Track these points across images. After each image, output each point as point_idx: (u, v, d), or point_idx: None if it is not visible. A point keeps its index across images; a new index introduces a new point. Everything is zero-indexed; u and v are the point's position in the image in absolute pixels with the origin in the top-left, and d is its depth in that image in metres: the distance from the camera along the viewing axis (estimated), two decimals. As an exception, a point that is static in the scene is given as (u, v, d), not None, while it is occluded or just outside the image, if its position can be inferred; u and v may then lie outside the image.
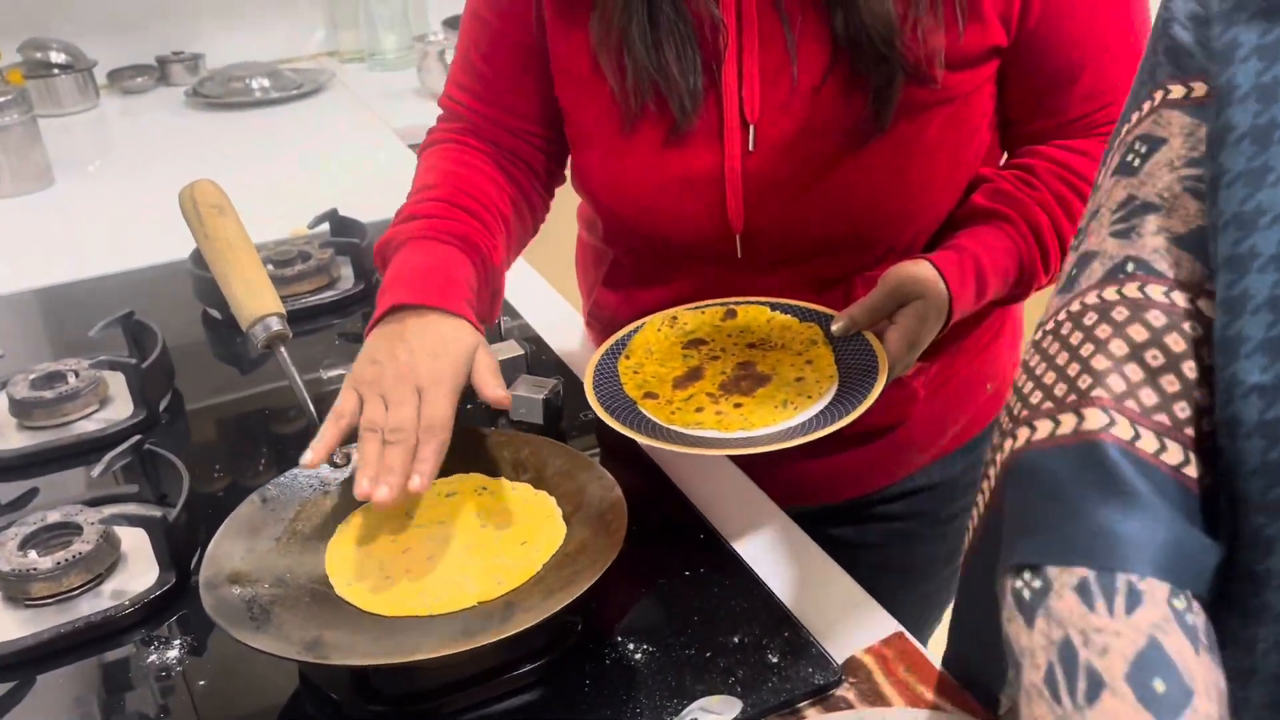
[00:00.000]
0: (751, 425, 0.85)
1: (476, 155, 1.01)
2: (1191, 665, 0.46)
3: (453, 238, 0.91)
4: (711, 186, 0.92)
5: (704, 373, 0.92)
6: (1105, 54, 0.90)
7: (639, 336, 0.96)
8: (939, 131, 0.90)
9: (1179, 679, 0.46)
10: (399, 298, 0.86)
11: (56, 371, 1.09)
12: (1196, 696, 0.46)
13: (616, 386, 0.90)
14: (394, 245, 0.92)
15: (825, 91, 0.87)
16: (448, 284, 0.87)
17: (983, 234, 0.92)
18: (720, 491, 0.96)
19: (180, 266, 1.34)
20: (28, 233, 1.64)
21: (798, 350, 0.93)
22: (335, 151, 1.97)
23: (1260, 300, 0.44)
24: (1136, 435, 0.49)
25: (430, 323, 0.84)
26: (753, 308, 0.97)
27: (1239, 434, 0.45)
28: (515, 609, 0.74)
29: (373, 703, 0.74)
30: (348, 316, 1.30)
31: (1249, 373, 0.44)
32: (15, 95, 1.74)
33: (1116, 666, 0.46)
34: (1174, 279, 0.51)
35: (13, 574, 0.83)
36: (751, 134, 0.90)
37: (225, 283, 0.90)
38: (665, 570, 0.85)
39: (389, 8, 2.40)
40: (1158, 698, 0.45)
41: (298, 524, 0.84)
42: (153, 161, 1.92)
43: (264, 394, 1.15)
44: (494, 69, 1.00)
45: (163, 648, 0.81)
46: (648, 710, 0.73)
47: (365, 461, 0.77)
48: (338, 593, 0.78)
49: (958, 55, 0.87)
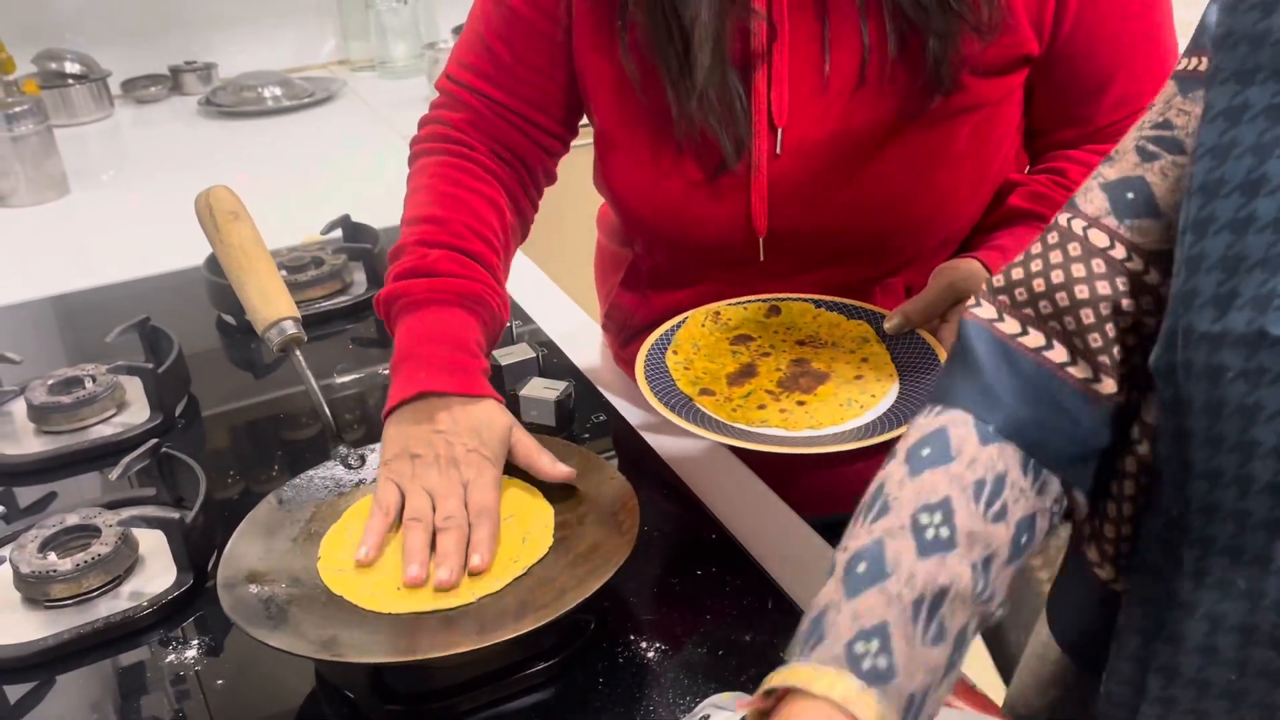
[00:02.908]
0: (819, 424, 0.84)
1: (474, 172, 0.97)
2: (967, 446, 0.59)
3: (463, 299, 0.89)
4: (737, 190, 0.92)
5: (758, 369, 0.91)
6: (1135, 63, 0.90)
7: (683, 331, 0.94)
8: (967, 139, 0.90)
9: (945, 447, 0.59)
10: (422, 385, 0.84)
11: (74, 377, 1.10)
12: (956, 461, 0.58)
13: (669, 382, 0.89)
14: (403, 303, 0.89)
15: (855, 96, 0.88)
16: (469, 362, 0.86)
17: (1023, 235, 0.93)
18: (731, 492, 0.96)
19: (195, 273, 1.35)
20: (44, 241, 1.66)
21: (850, 348, 0.92)
22: (347, 159, 1.98)
23: (1213, 260, 0.52)
24: (979, 304, 0.63)
25: (461, 411, 0.84)
26: (796, 304, 0.96)
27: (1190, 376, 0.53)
28: (529, 607, 0.75)
29: (389, 702, 0.75)
30: (361, 321, 1.31)
31: (1200, 324, 0.52)
32: (31, 105, 1.76)
33: (905, 443, 0.61)
34: (1086, 214, 0.62)
35: (32, 575, 0.84)
36: (779, 138, 0.90)
37: (241, 288, 0.91)
38: (677, 570, 0.86)
39: (399, 17, 2.42)
40: (922, 459, 0.59)
41: (313, 525, 0.84)
42: (167, 170, 1.94)
43: (278, 399, 1.16)
44: (514, 55, 0.96)
45: (180, 648, 0.82)
46: (660, 708, 0.74)
47: (410, 551, 0.78)
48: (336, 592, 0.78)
49: (988, 62, 0.86)
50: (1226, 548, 0.54)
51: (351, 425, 1.10)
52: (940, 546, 0.56)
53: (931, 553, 0.56)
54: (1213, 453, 0.53)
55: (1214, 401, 0.52)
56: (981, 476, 0.58)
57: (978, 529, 0.57)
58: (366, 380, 1.18)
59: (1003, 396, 0.60)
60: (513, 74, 0.98)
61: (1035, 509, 0.60)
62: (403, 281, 0.90)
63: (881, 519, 0.57)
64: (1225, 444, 0.53)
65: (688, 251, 0.99)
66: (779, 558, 0.87)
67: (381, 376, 1.18)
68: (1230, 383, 0.51)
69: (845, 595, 0.55)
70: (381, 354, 1.24)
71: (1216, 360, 0.52)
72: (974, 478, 0.58)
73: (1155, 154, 0.61)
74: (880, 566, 0.55)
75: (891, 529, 0.56)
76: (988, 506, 0.57)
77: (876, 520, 0.57)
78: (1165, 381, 0.55)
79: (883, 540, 0.56)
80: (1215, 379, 0.52)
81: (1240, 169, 0.52)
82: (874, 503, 0.59)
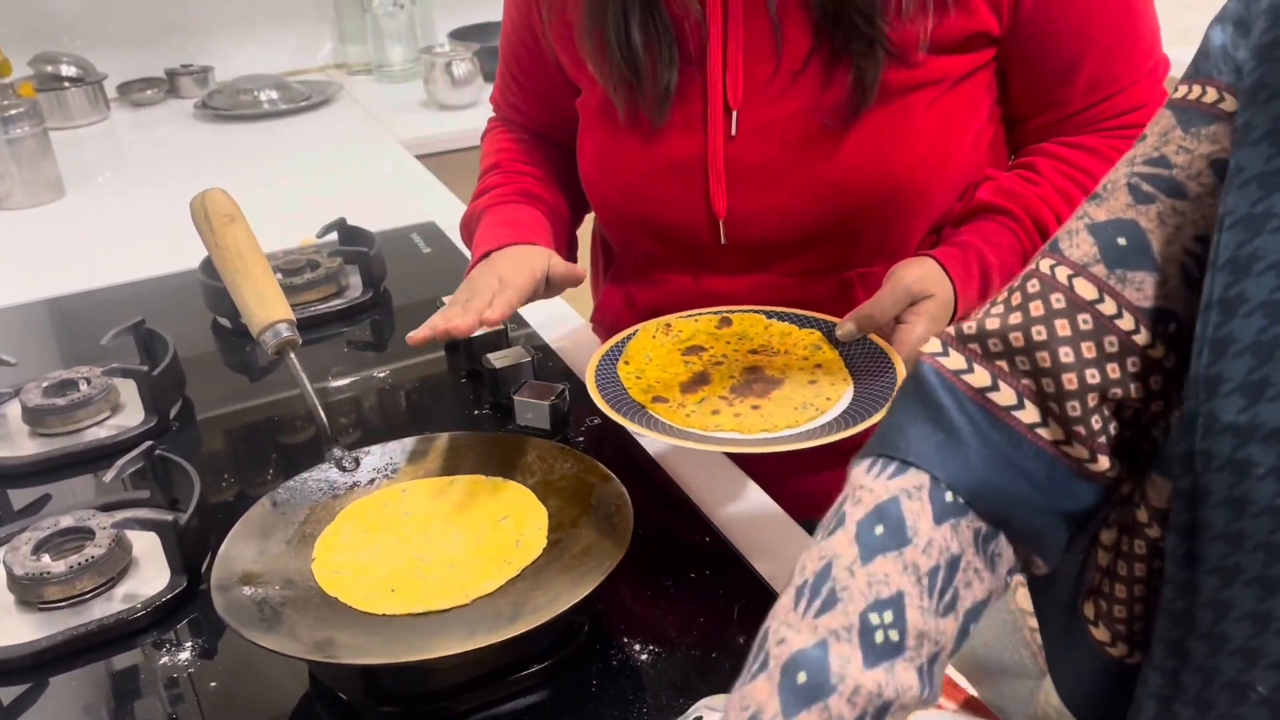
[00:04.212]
0: (775, 426, 0.84)
1: (528, 136, 1.15)
2: (921, 524, 0.54)
3: (520, 195, 1.08)
4: (695, 172, 0.94)
5: (710, 377, 0.92)
6: (1106, 43, 0.90)
7: (634, 343, 0.96)
8: (923, 118, 0.90)
9: (900, 527, 0.54)
10: (486, 247, 0.99)
11: (69, 379, 1.10)
12: (911, 545, 0.53)
13: (621, 391, 0.90)
14: (475, 217, 1.08)
15: (806, 75, 0.89)
16: (522, 226, 1.02)
17: (986, 229, 0.93)
18: (724, 496, 0.96)
19: (190, 276, 1.35)
20: (40, 244, 1.66)
21: (803, 354, 0.93)
22: (343, 162, 1.98)
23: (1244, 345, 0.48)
24: (945, 353, 0.58)
25: (510, 250, 0.98)
26: (748, 315, 0.97)
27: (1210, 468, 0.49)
28: (523, 609, 0.75)
29: (382, 703, 0.75)
30: (356, 324, 1.31)
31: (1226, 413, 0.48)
32: (27, 108, 1.76)
33: (855, 513, 0.55)
34: (1072, 260, 0.56)
35: (26, 577, 0.84)
36: (734, 119, 0.91)
37: (236, 290, 0.91)
38: (671, 573, 0.86)
39: (396, 21, 2.42)
40: (875, 539, 0.53)
41: (307, 527, 0.85)
42: (162, 173, 1.94)
43: (273, 402, 1.16)
44: (525, 88, 1.12)
45: (174, 650, 0.82)
46: (654, 710, 0.74)
47: (431, 320, 0.87)
48: (330, 593, 0.78)
49: (941, 38, 0.87)
50: (1241, 649, 0.50)
51: (346, 429, 1.10)
52: (889, 653, 0.51)
53: (880, 661, 0.51)
54: (1230, 550, 0.49)
55: (1237, 498, 0.48)
56: (935, 563, 0.54)
57: (928, 628, 0.53)
58: (361, 384, 1.18)
59: (968, 458, 0.55)
60: (531, 104, 1.14)
61: (988, 590, 0.56)
62: (473, 203, 1.11)
63: (826, 613, 0.52)
64: (1247, 543, 0.49)
65: (653, 236, 1.01)
66: (772, 560, 0.87)
67: (376, 379, 1.18)
68: (1259, 480, 0.48)
69: (782, 713, 0.50)
70: (376, 357, 1.24)
71: (1243, 454, 0.48)
72: (928, 565, 0.53)
73: (1150, 195, 0.56)
74: (824, 679, 0.50)
75: (837, 630, 0.52)
76: (940, 598, 0.54)
77: (821, 614, 0.52)
78: (1183, 469, 0.51)
79: (827, 643, 0.51)
80: (1241, 474, 0.48)
81: (1277, 244, 0.47)
82: (820, 588, 0.53)
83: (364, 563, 0.81)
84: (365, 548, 0.83)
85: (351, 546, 0.83)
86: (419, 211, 1.64)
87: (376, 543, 0.83)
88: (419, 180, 1.85)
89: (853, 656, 0.51)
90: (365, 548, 0.83)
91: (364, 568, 0.80)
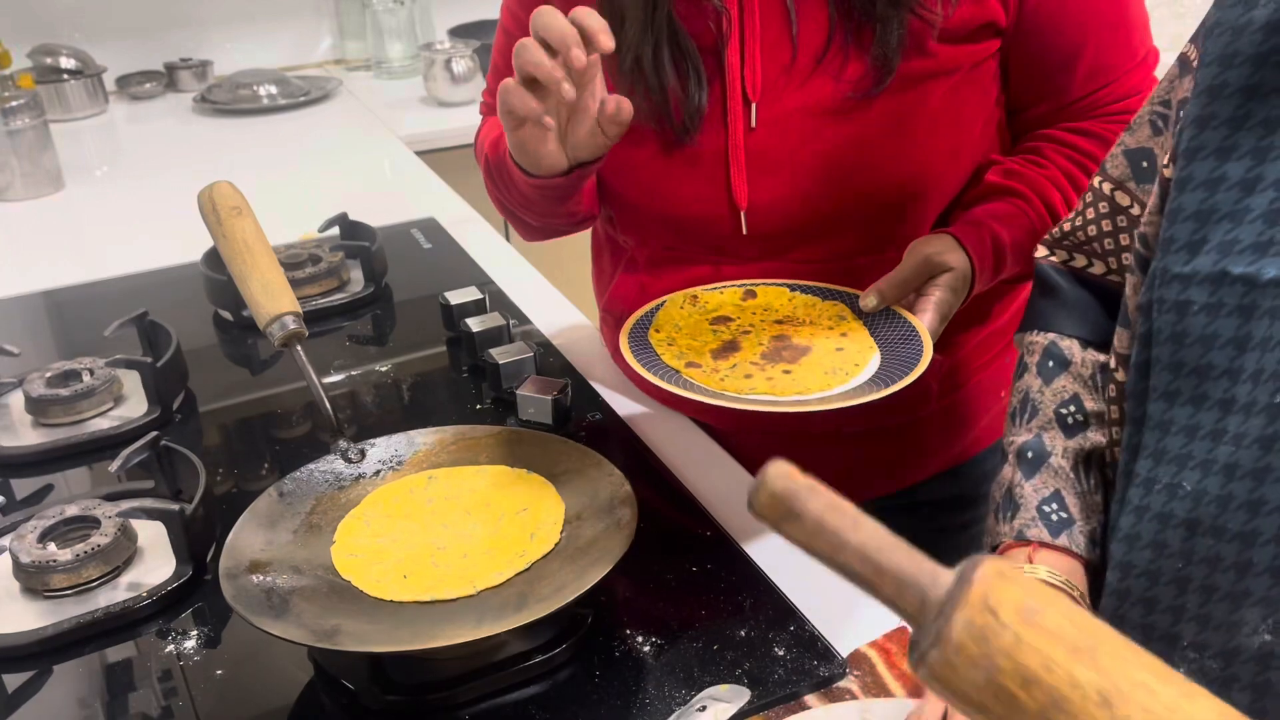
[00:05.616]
0: (808, 389, 0.85)
1: None
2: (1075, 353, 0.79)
3: None
4: (716, 165, 0.94)
5: (740, 345, 0.92)
6: (1104, 33, 0.93)
7: (663, 313, 0.96)
8: (938, 107, 0.92)
9: (1062, 357, 0.79)
10: None
11: (72, 370, 1.11)
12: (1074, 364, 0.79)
13: (654, 357, 0.90)
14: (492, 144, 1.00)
15: (824, 66, 0.90)
16: None
17: (998, 209, 0.95)
18: (727, 490, 0.97)
19: (192, 269, 1.35)
20: (40, 236, 1.66)
21: (828, 325, 0.94)
22: (342, 158, 1.99)
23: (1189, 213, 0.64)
24: (1050, 253, 0.83)
25: None
26: (772, 288, 0.98)
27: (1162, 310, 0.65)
28: (528, 600, 0.75)
29: (388, 692, 0.76)
30: (357, 318, 1.32)
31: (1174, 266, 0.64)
32: (27, 100, 1.77)
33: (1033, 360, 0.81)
34: (1113, 177, 0.77)
35: (32, 565, 0.85)
36: (754, 111, 0.92)
37: (242, 282, 0.91)
38: (673, 566, 0.87)
39: (395, 17, 2.42)
40: (1049, 369, 0.79)
41: (314, 517, 0.85)
42: (161, 167, 1.94)
43: (275, 395, 1.17)
44: None
45: (179, 639, 0.83)
46: (656, 700, 0.75)
47: None
48: (344, 576, 0.79)
49: (952, 28, 0.89)
50: (1176, 457, 0.65)
51: (348, 422, 1.11)
52: (1079, 428, 0.77)
53: (1073, 435, 0.77)
54: (1173, 377, 0.64)
55: (1179, 332, 0.63)
56: (1092, 371, 0.78)
57: (1100, 408, 0.77)
58: (362, 378, 1.18)
59: (1084, 314, 0.80)
60: None
61: None
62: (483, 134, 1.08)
63: (1034, 419, 0.78)
64: (1184, 369, 0.63)
65: (674, 231, 1.01)
66: (773, 553, 0.88)
67: (377, 374, 1.19)
68: (1194, 315, 0.62)
69: (1023, 477, 0.76)
70: (377, 351, 1.25)
71: (1184, 296, 0.63)
72: (1088, 374, 0.78)
73: (1160, 128, 0.73)
74: (1043, 451, 0.77)
75: (1044, 424, 0.78)
76: (1100, 391, 0.77)
77: (1030, 420, 0.78)
78: (1143, 316, 0.65)
79: (1041, 434, 0.77)
80: (1182, 312, 0.63)
81: (1216, 136, 0.62)
82: (1024, 407, 0.79)
83: (381, 547, 0.82)
84: (385, 532, 0.84)
85: (373, 531, 0.84)
86: (419, 207, 1.64)
87: (397, 528, 0.84)
88: (419, 176, 1.86)
89: (1057, 436, 0.77)
90: (385, 532, 0.84)
91: (381, 552, 0.81)
